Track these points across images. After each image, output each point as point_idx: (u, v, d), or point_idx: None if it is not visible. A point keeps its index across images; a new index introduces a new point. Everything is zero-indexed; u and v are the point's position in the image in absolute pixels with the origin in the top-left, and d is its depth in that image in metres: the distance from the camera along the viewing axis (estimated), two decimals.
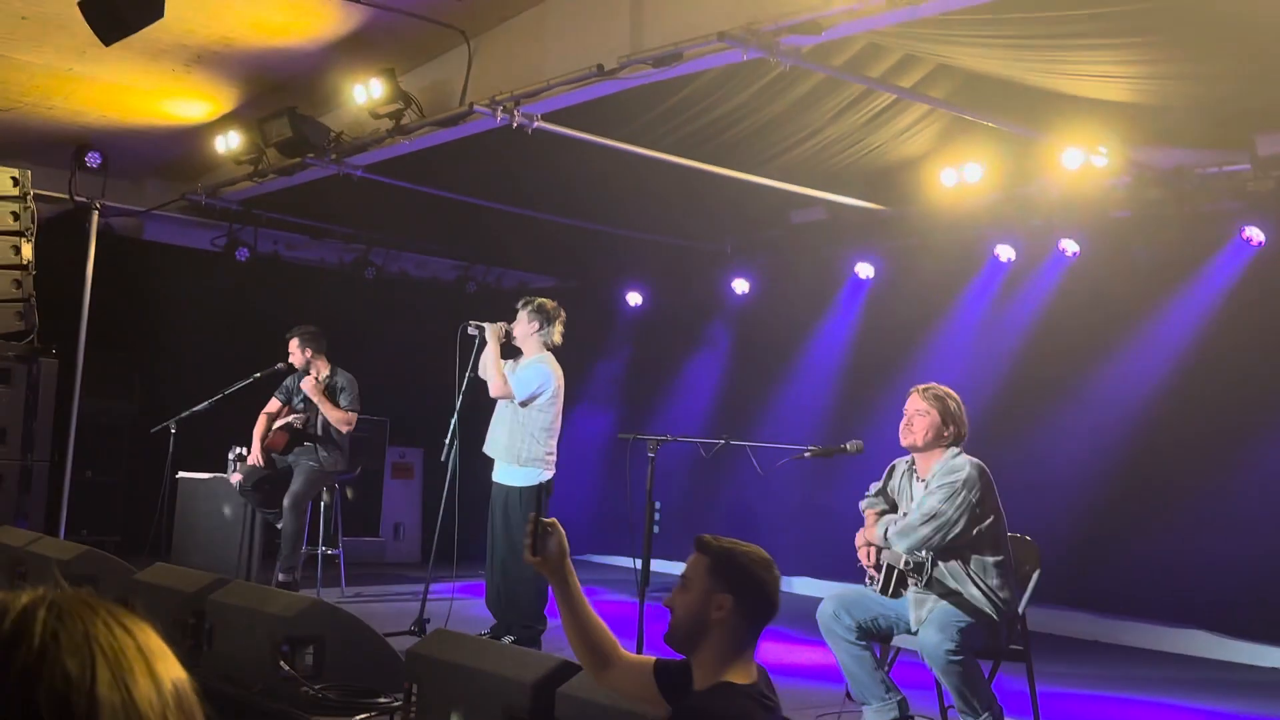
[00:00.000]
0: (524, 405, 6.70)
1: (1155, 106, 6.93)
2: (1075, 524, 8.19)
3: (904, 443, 4.84)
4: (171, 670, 1.00)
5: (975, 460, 4.69)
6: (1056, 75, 6.69)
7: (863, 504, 5.06)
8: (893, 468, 5.05)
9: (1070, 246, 8.47)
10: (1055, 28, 5.76)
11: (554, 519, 2.96)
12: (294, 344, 8.14)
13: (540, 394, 6.72)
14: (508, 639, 6.47)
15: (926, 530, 4.58)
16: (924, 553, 4.61)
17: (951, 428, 4.74)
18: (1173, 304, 8.22)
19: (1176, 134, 7.40)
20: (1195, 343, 8.08)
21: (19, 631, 0.94)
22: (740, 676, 2.68)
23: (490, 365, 6.71)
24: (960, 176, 8.28)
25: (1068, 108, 7.06)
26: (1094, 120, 7.11)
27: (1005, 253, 8.87)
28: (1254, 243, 7.70)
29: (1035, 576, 4.79)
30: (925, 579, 4.58)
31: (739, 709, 2.61)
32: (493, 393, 6.72)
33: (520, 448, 6.72)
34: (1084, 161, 7.49)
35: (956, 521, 4.56)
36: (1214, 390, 7.95)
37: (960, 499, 4.56)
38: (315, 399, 7.98)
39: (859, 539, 4.88)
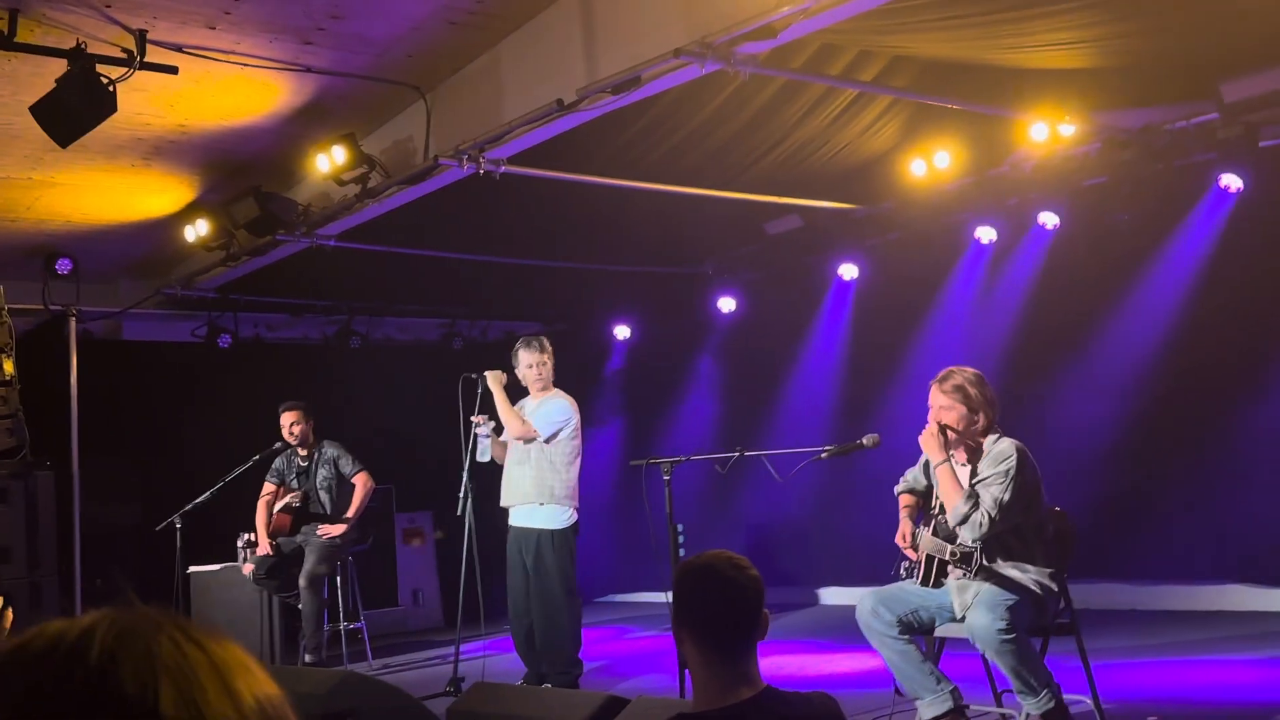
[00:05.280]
0: (549, 442, 6.65)
1: (1116, 67, 6.92)
2: (1093, 495, 8.11)
3: None
4: (255, 686, 0.92)
5: (1016, 442, 4.62)
6: (1012, 50, 6.67)
7: (897, 489, 5.01)
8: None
9: (1050, 220, 8.45)
10: (1003, 0, 5.74)
11: None
12: (295, 415, 8.08)
13: (564, 427, 6.69)
14: (544, 687, 6.37)
15: (1000, 522, 4.50)
16: (972, 542, 4.52)
17: (981, 415, 4.65)
18: (1161, 262, 8.19)
19: (1141, 92, 7.38)
20: (1189, 298, 8.05)
21: (74, 655, 0.87)
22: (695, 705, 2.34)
23: (503, 410, 6.67)
24: (930, 165, 8.28)
25: (1027, 81, 7.05)
26: (1056, 90, 7.10)
27: (986, 234, 8.85)
28: (1232, 190, 7.67)
29: (1071, 546, 4.72)
30: (974, 568, 4.49)
31: None
32: (513, 435, 6.65)
33: (550, 486, 6.64)
34: (1051, 133, 7.47)
35: (1013, 506, 4.50)
36: (1213, 343, 7.91)
37: (1016, 485, 4.51)
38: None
39: (902, 531, 4.80)
